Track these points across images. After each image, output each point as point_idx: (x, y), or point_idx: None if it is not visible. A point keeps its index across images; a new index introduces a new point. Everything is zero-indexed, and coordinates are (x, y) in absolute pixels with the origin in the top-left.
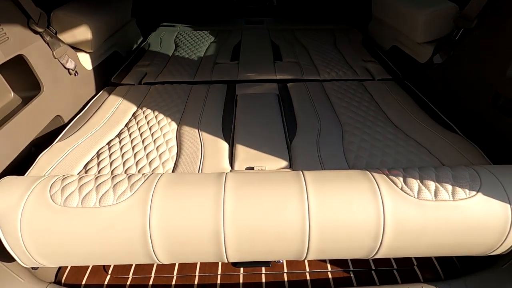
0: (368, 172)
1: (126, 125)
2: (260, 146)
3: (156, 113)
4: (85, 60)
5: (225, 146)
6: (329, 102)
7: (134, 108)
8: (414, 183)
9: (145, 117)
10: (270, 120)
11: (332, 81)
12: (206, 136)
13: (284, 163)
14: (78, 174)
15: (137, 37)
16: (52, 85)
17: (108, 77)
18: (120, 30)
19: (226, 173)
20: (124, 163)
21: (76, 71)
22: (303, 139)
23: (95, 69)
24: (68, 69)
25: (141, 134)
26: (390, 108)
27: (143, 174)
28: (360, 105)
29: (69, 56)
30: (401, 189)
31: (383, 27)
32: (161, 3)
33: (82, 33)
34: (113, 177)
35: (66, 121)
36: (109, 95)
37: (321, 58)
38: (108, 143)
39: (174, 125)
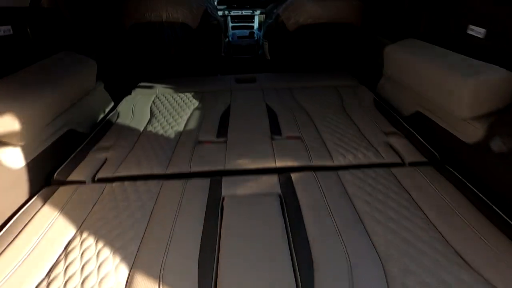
0: None
1: (57, 261)
2: None
3: (100, 245)
4: (13, 156)
5: None
6: (352, 207)
7: (71, 231)
8: None
9: (81, 255)
10: (270, 242)
11: (350, 168)
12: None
13: None
14: None
15: (104, 105)
16: None
17: (52, 171)
18: (78, 102)
19: None
20: None
21: None
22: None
23: (30, 164)
24: None
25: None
26: (434, 209)
27: None
28: (397, 211)
29: None
30: None
31: (401, 89)
32: (137, 61)
33: (6, 122)
34: None
35: None
36: (44, 204)
37: (330, 130)
38: None
39: (123, 270)
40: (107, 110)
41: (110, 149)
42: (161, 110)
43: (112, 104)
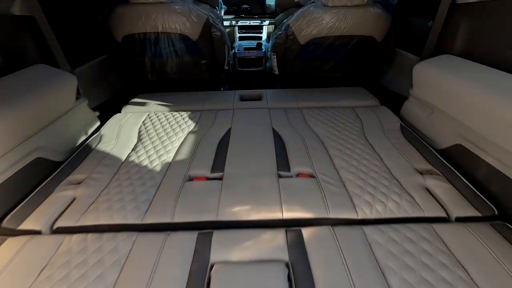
0: None
1: None
2: None
3: None
4: None
5: None
6: (385, 284)
7: None
8: None
9: None
10: None
11: (381, 223)
12: None
13: None
14: None
15: (87, 126)
16: None
17: (4, 216)
18: (53, 124)
19: None
20: None
21: None
22: None
23: None
24: None
25: None
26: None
27: None
28: None
29: None
30: None
31: (435, 114)
32: (131, 75)
33: None
34: None
35: None
36: None
37: (350, 165)
38: None
39: None
40: (90, 131)
41: (81, 185)
42: (151, 133)
43: (98, 124)
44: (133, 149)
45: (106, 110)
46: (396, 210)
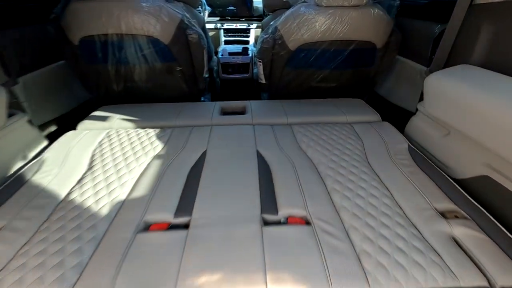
0: None
1: None
2: None
3: None
4: None
5: None
6: None
7: None
8: None
9: None
10: None
11: None
12: None
13: None
14: None
15: (26, 150)
16: None
17: None
18: None
19: None
20: None
21: None
22: None
23: None
24: None
25: None
26: None
27: None
28: None
29: None
30: None
31: (453, 137)
32: (90, 84)
33: None
34: None
35: None
36: None
37: (352, 203)
38: None
39: None
40: (32, 155)
41: None
42: (106, 157)
43: (45, 145)
44: (78, 182)
45: (63, 126)
46: (422, 279)
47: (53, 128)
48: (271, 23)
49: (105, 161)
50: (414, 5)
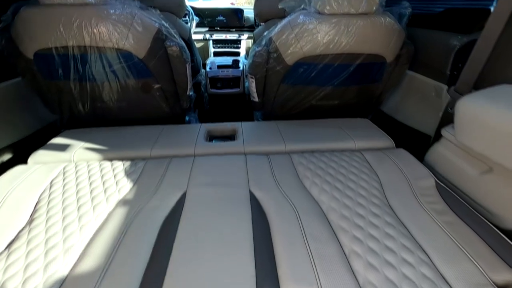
0: None
1: None
2: None
3: None
4: None
5: None
6: None
7: None
8: None
9: None
10: None
11: None
12: None
13: None
14: None
15: None
16: None
17: None
18: None
19: None
20: None
21: None
22: None
23: None
24: None
25: None
26: None
27: None
28: None
29: None
30: None
31: (497, 176)
32: (49, 106)
33: None
34: None
35: None
36: None
37: (384, 283)
38: None
39: None
40: None
41: None
42: (53, 207)
43: None
44: (8, 246)
45: (21, 153)
46: None
47: (7, 156)
48: (265, 33)
49: (52, 211)
50: (428, 13)
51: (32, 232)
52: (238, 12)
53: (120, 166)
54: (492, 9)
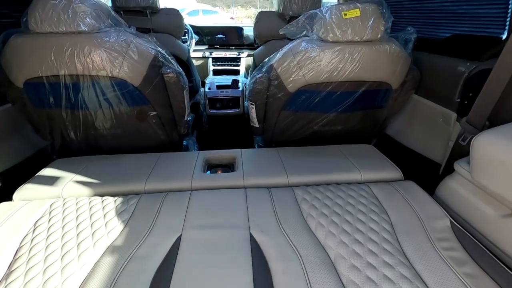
0: None
1: None
2: None
3: None
4: None
5: None
6: None
7: None
8: None
9: None
10: None
11: None
12: None
13: None
14: None
15: None
16: None
17: None
18: None
19: None
20: None
21: None
22: None
23: None
24: None
25: None
26: None
27: None
28: None
29: None
30: None
31: None
32: (39, 137)
33: None
34: None
35: None
36: None
37: None
38: None
39: None
40: None
41: None
42: (36, 255)
43: None
44: None
45: (11, 181)
46: None
47: None
48: (266, 60)
49: (32, 261)
50: (435, 38)
51: None
52: (238, 30)
53: (111, 203)
54: (503, 37)
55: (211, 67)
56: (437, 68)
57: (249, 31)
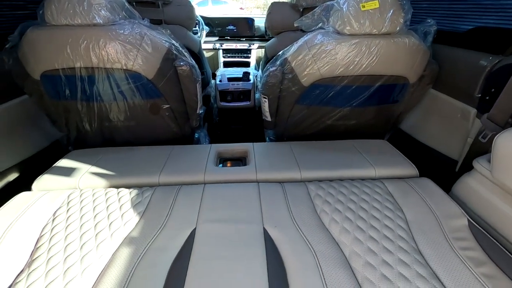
0: None
1: None
2: None
3: None
4: None
5: None
6: None
7: None
8: None
9: None
10: None
11: None
12: None
13: None
14: None
15: None
16: None
17: None
18: None
19: None
20: None
21: None
22: None
23: None
24: None
25: None
26: None
27: None
28: None
29: None
30: None
31: None
32: (56, 128)
33: None
34: None
35: None
36: None
37: None
38: None
39: None
40: None
41: None
42: (57, 240)
43: None
44: (15, 282)
45: (30, 171)
46: None
47: (14, 175)
48: (279, 53)
49: (53, 250)
50: (454, 31)
51: (30, 277)
52: (249, 21)
53: (126, 195)
54: None
55: (221, 59)
56: (457, 62)
57: (259, 22)
